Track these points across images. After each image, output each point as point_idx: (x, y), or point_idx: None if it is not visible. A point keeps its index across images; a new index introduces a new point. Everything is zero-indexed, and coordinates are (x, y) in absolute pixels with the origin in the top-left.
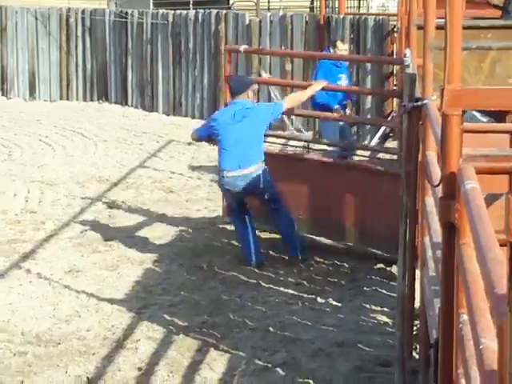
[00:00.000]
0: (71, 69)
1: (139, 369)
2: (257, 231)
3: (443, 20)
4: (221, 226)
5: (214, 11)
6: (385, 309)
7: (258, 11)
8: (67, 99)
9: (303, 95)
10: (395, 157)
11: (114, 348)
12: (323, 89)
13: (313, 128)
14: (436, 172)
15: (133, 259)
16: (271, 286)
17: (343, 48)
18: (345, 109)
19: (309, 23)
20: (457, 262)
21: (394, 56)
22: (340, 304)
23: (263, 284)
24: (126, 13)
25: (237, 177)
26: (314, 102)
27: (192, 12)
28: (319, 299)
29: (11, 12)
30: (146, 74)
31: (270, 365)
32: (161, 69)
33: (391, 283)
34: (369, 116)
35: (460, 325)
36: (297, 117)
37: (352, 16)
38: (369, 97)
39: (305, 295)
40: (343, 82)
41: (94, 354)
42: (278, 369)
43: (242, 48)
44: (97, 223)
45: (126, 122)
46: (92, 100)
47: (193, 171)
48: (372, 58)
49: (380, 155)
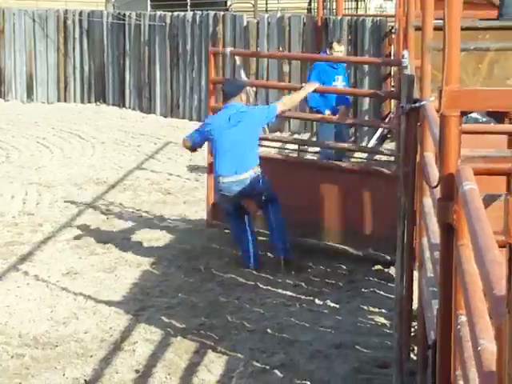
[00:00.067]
0: (69, 71)
1: (137, 371)
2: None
3: (441, 21)
4: (218, 228)
5: (212, 13)
6: (383, 310)
7: (256, 13)
8: (65, 101)
9: (297, 97)
10: (392, 158)
11: (112, 350)
12: (315, 91)
13: (310, 130)
14: (434, 173)
15: (130, 261)
16: (269, 288)
17: (339, 49)
18: (336, 114)
19: (306, 25)
20: (455, 264)
21: (392, 57)
22: (338, 306)
23: (261, 286)
24: (124, 15)
25: (232, 182)
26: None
27: (190, 14)
28: (317, 301)
29: (9, 14)
30: (144, 76)
31: (268, 366)
32: (158, 70)
33: (389, 284)
34: (366, 117)
35: (458, 326)
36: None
37: (350, 17)
38: (366, 98)
39: (303, 297)
40: (339, 84)
41: (92, 357)
42: (276, 371)
43: (228, 50)
44: (94, 225)
45: (124, 124)
46: (90, 102)
47: (190, 173)
48: (369, 60)
49: (377, 157)
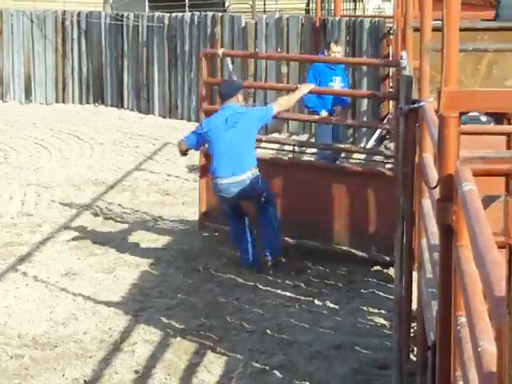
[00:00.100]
0: (67, 72)
1: (136, 372)
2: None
3: (439, 22)
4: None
5: (210, 14)
6: (382, 311)
7: (254, 14)
8: (63, 102)
9: (292, 98)
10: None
11: (111, 351)
12: (310, 92)
13: (309, 131)
14: (433, 174)
15: (129, 262)
16: (268, 289)
17: (337, 50)
18: (333, 114)
19: (305, 25)
20: (454, 265)
21: (390, 58)
22: (337, 306)
23: (260, 286)
24: (122, 16)
25: (230, 183)
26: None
27: (188, 14)
28: (316, 302)
29: (7, 15)
30: (142, 77)
31: (268, 367)
32: (157, 71)
33: (388, 285)
34: (365, 118)
35: (458, 327)
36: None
37: (348, 18)
38: (365, 99)
39: (302, 298)
40: (337, 85)
41: (91, 357)
42: (276, 371)
43: (221, 51)
44: (93, 226)
45: (122, 125)
46: (88, 103)
47: (189, 174)
48: (367, 61)
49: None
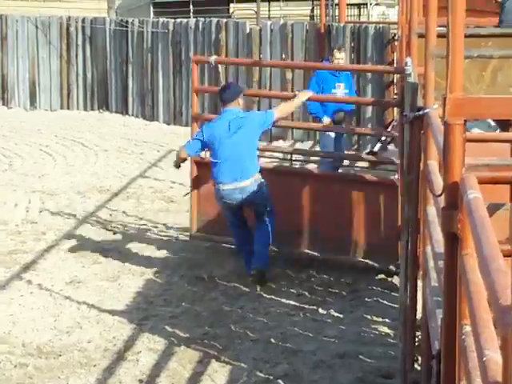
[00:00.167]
0: (72, 78)
1: (140, 381)
2: None
3: (444, 28)
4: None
5: (215, 20)
6: (386, 320)
7: (259, 20)
8: (68, 108)
9: (291, 105)
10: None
11: (115, 360)
12: (309, 99)
13: (313, 138)
14: (438, 181)
15: (134, 270)
16: (272, 297)
17: (340, 57)
18: (335, 121)
19: (309, 32)
20: (459, 273)
21: (395, 64)
22: (341, 315)
23: (264, 295)
24: (127, 21)
25: (234, 189)
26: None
27: (192, 21)
28: (320, 310)
29: (12, 21)
30: (147, 83)
31: (272, 377)
32: (161, 78)
33: (392, 294)
34: (369, 125)
35: (463, 336)
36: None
37: (352, 24)
38: (369, 106)
39: (306, 306)
40: (340, 91)
41: (95, 366)
42: (280, 381)
43: (213, 59)
44: (97, 234)
45: (127, 132)
46: (92, 109)
47: None
48: (370, 68)
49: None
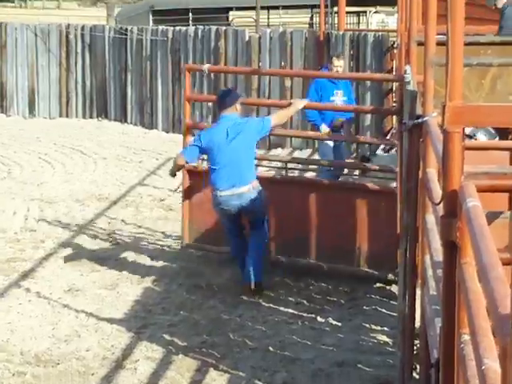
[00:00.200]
0: (71, 86)
1: None
2: None
3: (443, 36)
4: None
5: (214, 28)
6: (385, 328)
7: (258, 28)
8: (67, 116)
9: (286, 113)
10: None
11: (114, 368)
12: (304, 107)
13: (312, 146)
14: (437, 190)
15: (132, 278)
16: (271, 306)
17: (338, 64)
18: (333, 127)
19: (308, 39)
20: (458, 281)
21: (394, 72)
22: (340, 323)
23: (263, 303)
24: (126, 29)
25: (231, 196)
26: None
27: (191, 28)
28: (319, 318)
29: (11, 28)
30: (146, 91)
31: None
32: (160, 85)
33: (391, 302)
34: (368, 133)
35: (461, 345)
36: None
37: (352, 32)
38: (368, 114)
39: (304, 314)
40: (338, 99)
41: (93, 375)
42: None
43: (206, 67)
44: (96, 242)
45: (126, 140)
46: (91, 117)
47: None
48: (368, 76)
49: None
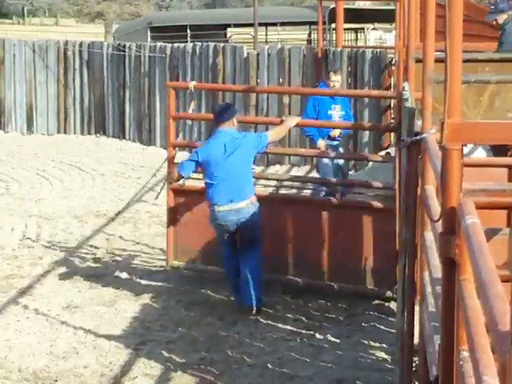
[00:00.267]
0: (69, 102)
1: None
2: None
3: (441, 53)
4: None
5: (212, 44)
6: (383, 345)
7: (256, 44)
8: (65, 133)
9: (280, 131)
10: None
11: None
12: (297, 125)
13: (310, 163)
14: (435, 207)
15: (130, 295)
16: (269, 322)
17: (335, 79)
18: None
19: (306, 56)
20: (457, 298)
21: (392, 89)
22: (338, 340)
23: (261, 320)
24: (124, 46)
25: (229, 211)
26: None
27: (190, 45)
28: (317, 335)
29: (9, 45)
30: (144, 108)
31: None
32: (158, 102)
33: (389, 319)
34: (366, 150)
35: (460, 361)
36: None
37: (350, 49)
38: (366, 131)
39: (303, 331)
40: (336, 113)
41: None
42: None
43: (192, 84)
44: (94, 258)
45: (124, 156)
46: (89, 133)
47: None
48: (365, 93)
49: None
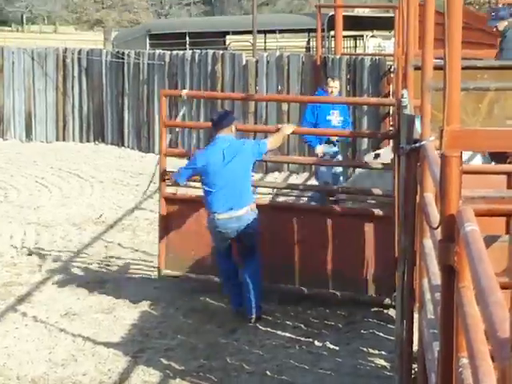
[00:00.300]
0: (67, 110)
1: None
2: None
3: (440, 60)
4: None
5: (211, 52)
6: (382, 352)
7: (255, 51)
8: (63, 140)
9: (277, 139)
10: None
11: None
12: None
13: (309, 170)
14: (434, 214)
15: (129, 302)
16: (268, 330)
17: (334, 85)
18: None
19: (305, 63)
20: (456, 305)
21: (391, 96)
22: (337, 347)
23: (260, 327)
24: (123, 53)
25: (229, 219)
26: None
27: (188, 52)
28: (316, 342)
29: (8, 52)
30: (143, 115)
31: None
32: (157, 109)
33: (389, 326)
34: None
35: (460, 368)
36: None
37: (348, 56)
38: (365, 138)
39: (302, 338)
40: (335, 118)
41: None
42: None
43: (184, 92)
44: (93, 266)
45: (123, 163)
46: (88, 141)
47: None
48: (364, 101)
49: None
